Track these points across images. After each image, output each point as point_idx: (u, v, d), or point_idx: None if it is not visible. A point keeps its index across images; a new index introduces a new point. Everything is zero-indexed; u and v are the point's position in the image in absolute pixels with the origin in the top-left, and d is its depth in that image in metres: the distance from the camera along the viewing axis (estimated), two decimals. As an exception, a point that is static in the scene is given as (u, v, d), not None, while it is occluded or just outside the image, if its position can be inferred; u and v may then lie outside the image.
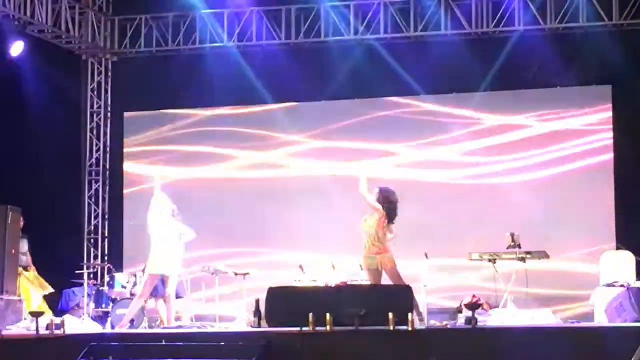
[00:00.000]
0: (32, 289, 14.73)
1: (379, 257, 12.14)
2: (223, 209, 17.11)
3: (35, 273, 14.99)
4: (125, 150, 17.90)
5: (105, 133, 18.21)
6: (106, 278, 15.84)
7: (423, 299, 13.17)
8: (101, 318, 15.34)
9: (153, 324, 14.67)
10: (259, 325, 12.42)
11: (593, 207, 15.87)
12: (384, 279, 12.22)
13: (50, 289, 15.09)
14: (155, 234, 13.27)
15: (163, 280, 13.43)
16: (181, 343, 10.96)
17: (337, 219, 16.11)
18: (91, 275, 16.39)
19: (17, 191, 15.33)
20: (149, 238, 13.34)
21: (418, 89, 16.61)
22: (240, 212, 17.05)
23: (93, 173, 18.09)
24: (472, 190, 16.45)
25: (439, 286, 14.96)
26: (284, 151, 17.24)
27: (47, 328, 11.43)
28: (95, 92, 18.23)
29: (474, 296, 13.78)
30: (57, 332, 11.37)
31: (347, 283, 13.28)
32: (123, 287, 15.34)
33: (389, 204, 12.28)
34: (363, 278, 13.40)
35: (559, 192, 16.07)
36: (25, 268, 14.77)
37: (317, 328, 10.65)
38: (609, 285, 13.23)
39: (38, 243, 15.18)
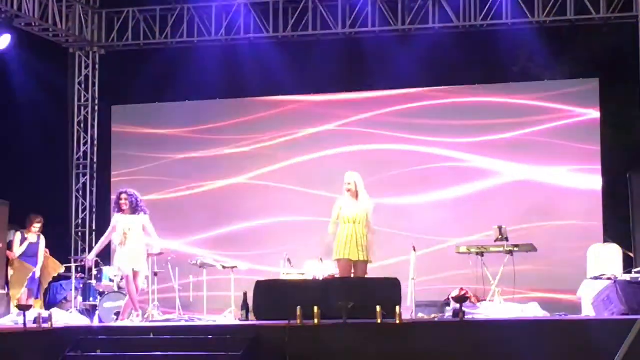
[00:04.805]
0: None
1: None
2: (211, 201, 17.08)
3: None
4: (112, 143, 17.86)
5: (92, 126, 18.17)
6: (94, 272, 15.80)
7: (411, 292, 13.19)
8: (89, 311, 15.33)
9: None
10: (247, 319, 12.40)
11: (580, 200, 15.88)
12: None
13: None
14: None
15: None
16: (169, 336, 10.97)
17: (324, 213, 16.09)
18: (79, 269, 16.36)
19: (4, 184, 15.30)
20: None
21: (406, 83, 16.61)
22: (229, 204, 17.03)
23: (81, 166, 18.06)
24: (459, 183, 16.41)
25: (427, 279, 14.95)
26: (272, 145, 17.19)
27: (34, 321, 11.41)
28: (82, 86, 18.17)
29: (462, 289, 13.77)
30: (44, 325, 11.35)
31: (335, 276, 13.26)
32: (111, 280, 15.33)
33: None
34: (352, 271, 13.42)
35: (546, 184, 16.08)
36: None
37: (305, 321, 10.66)
38: (596, 278, 13.23)
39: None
